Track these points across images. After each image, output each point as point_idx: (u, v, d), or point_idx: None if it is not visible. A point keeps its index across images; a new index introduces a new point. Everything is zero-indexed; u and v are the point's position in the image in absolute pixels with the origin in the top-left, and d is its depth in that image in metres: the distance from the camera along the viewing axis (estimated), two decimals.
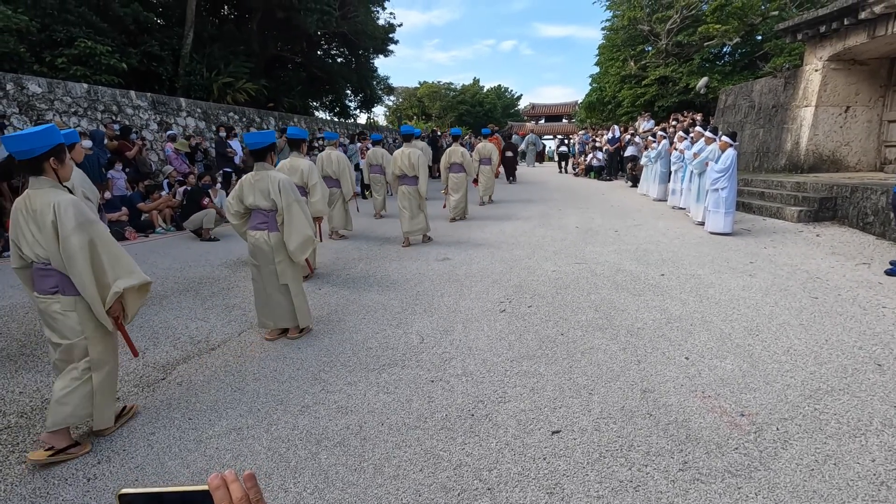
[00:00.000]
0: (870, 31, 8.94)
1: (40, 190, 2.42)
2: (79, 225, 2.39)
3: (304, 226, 3.79)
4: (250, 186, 3.80)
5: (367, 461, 2.44)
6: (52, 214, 2.36)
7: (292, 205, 3.74)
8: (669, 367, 3.34)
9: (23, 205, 2.44)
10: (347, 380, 3.27)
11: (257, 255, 3.84)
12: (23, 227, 2.44)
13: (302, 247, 3.80)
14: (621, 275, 5.53)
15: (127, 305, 2.61)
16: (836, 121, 10.52)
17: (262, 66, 19.42)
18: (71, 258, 2.38)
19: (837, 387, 3.04)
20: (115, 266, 2.51)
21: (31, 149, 2.36)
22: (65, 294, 2.47)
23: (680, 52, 19.63)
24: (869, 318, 4.12)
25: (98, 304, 2.47)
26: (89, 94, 10.39)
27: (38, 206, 2.39)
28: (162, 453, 2.54)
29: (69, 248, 2.37)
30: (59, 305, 2.48)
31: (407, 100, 43.39)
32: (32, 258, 2.47)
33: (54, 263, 2.43)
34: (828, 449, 2.45)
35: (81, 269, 2.39)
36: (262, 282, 3.84)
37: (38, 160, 2.40)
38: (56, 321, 2.49)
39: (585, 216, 9.66)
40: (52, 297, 2.48)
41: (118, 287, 2.49)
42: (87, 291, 2.43)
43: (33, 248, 2.44)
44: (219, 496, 0.56)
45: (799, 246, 6.74)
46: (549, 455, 2.46)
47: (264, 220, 3.82)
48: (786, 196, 8.97)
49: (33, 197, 2.42)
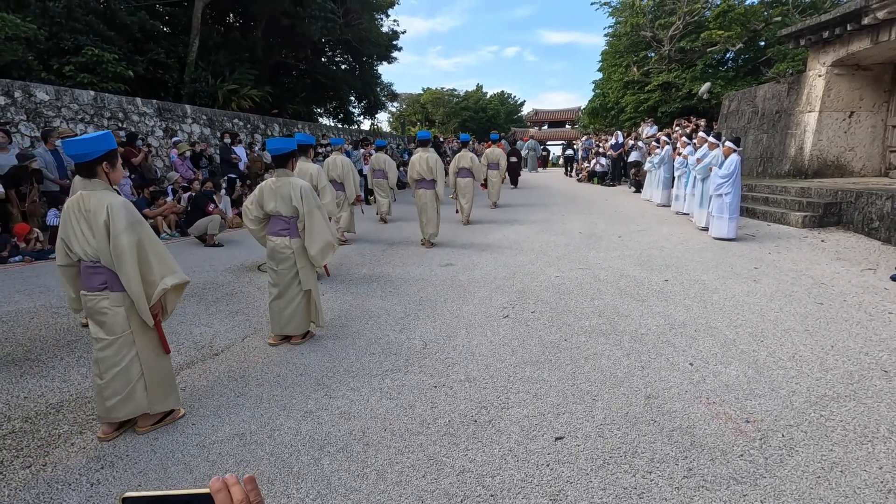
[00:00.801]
0: (873, 37, 8.94)
1: (94, 192, 2.56)
2: (129, 225, 2.53)
3: (326, 231, 3.85)
4: (271, 192, 3.82)
5: (369, 467, 2.44)
6: (104, 215, 2.50)
7: (314, 211, 3.78)
8: (673, 373, 3.32)
9: (75, 205, 2.57)
10: (350, 385, 3.27)
11: (277, 260, 3.86)
12: (74, 226, 2.57)
13: (323, 251, 3.85)
14: (625, 280, 5.51)
15: (167, 303, 2.76)
16: (840, 126, 10.49)
17: (267, 72, 19.57)
18: (120, 256, 2.51)
19: (843, 393, 3.02)
20: (161, 265, 2.64)
21: (87, 153, 2.51)
22: (113, 290, 2.60)
23: (683, 57, 19.65)
24: (875, 324, 4.09)
25: (143, 301, 2.59)
26: (96, 101, 10.50)
27: (91, 206, 2.53)
28: (165, 458, 2.54)
29: (119, 247, 2.51)
30: (108, 301, 2.60)
31: (410, 106, 43.58)
32: (81, 256, 2.59)
33: (104, 261, 2.56)
34: (834, 456, 2.43)
35: (129, 266, 2.53)
36: (281, 287, 3.85)
37: (92, 163, 2.55)
38: (105, 317, 2.61)
39: (589, 221, 9.65)
40: (100, 293, 2.60)
41: (165, 284, 2.63)
42: (134, 288, 2.56)
43: (83, 247, 2.57)
44: (220, 499, 0.57)
45: (804, 251, 6.71)
46: (552, 461, 2.45)
47: (286, 227, 3.84)
48: (790, 201, 8.93)
49: (86, 198, 2.55)
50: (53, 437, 2.73)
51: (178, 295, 2.80)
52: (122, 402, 2.64)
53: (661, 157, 11.80)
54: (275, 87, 19.25)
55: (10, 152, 7.38)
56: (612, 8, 22.56)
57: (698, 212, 8.65)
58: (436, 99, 42.21)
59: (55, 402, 3.10)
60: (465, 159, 9.53)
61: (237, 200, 10.68)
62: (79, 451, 2.60)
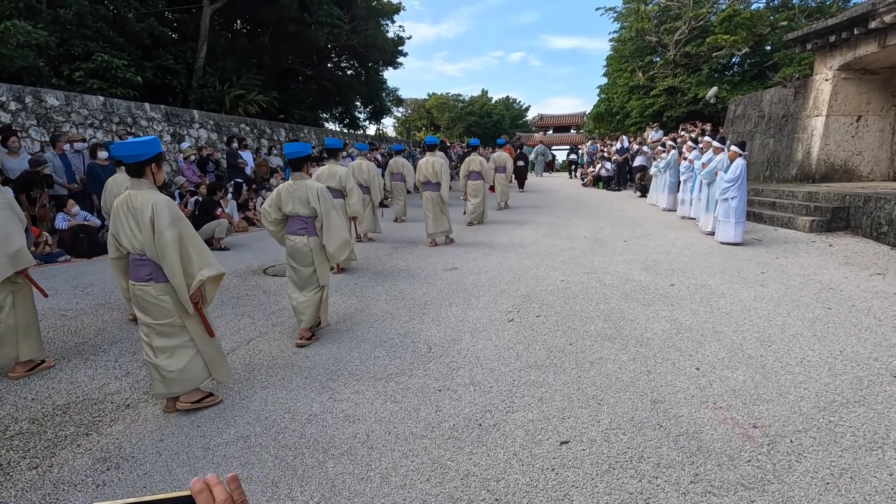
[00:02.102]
0: (880, 41, 8.89)
1: (140, 191, 2.80)
2: (171, 221, 2.76)
3: (342, 230, 4.07)
4: (288, 195, 4.02)
5: (373, 470, 2.43)
6: (150, 212, 2.74)
7: (330, 211, 3.99)
8: (680, 378, 3.30)
9: (124, 203, 2.82)
10: (355, 388, 3.27)
11: (296, 258, 4.08)
12: (123, 222, 2.82)
13: (340, 249, 4.06)
14: (630, 285, 5.49)
15: (206, 292, 2.98)
16: (847, 130, 10.43)
17: (274, 78, 19.73)
18: (164, 250, 2.74)
19: (853, 398, 2.98)
20: (199, 258, 2.86)
21: (138, 154, 2.77)
22: (157, 281, 2.83)
23: (688, 62, 19.63)
24: (884, 329, 4.05)
25: (183, 291, 2.81)
26: (105, 106, 10.62)
27: (138, 204, 2.77)
28: (170, 460, 2.55)
29: (163, 241, 2.73)
30: (154, 290, 2.84)
31: (416, 111, 43.77)
32: (129, 249, 2.85)
33: (149, 254, 2.79)
34: (843, 462, 2.40)
35: (172, 259, 2.75)
36: (299, 283, 4.09)
37: (142, 165, 2.80)
38: (150, 304, 2.85)
39: (594, 226, 9.63)
40: (147, 283, 2.84)
41: (202, 275, 2.84)
42: (176, 279, 2.78)
43: (131, 241, 2.82)
44: (202, 500, 0.55)
45: (811, 256, 6.66)
46: (557, 466, 2.43)
47: (303, 226, 4.04)
48: (797, 206, 8.88)
49: (134, 196, 2.80)
50: (60, 439, 2.75)
51: (216, 286, 3.02)
52: (182, 376, 2.90)
53: (666, 162, 11.77)
54: (281, 92, 19.40)
55: (21, 157, 7.48)
56: (618, 13, 22.60)
57: (704, 216, 8.60)
58: (441, 104, 42.37)
59: (62, 404, 3.12)
60: (474, 163, 9.91)
61: (243, 205, 10.75)
62: (85, 453, 2.61)
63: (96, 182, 8.18)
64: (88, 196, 8.06)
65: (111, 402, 3.14)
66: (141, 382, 3.40)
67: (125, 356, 3.84)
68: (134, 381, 3.41)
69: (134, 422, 2.92)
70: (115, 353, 3.91)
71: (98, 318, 4.67)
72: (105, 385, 3.37)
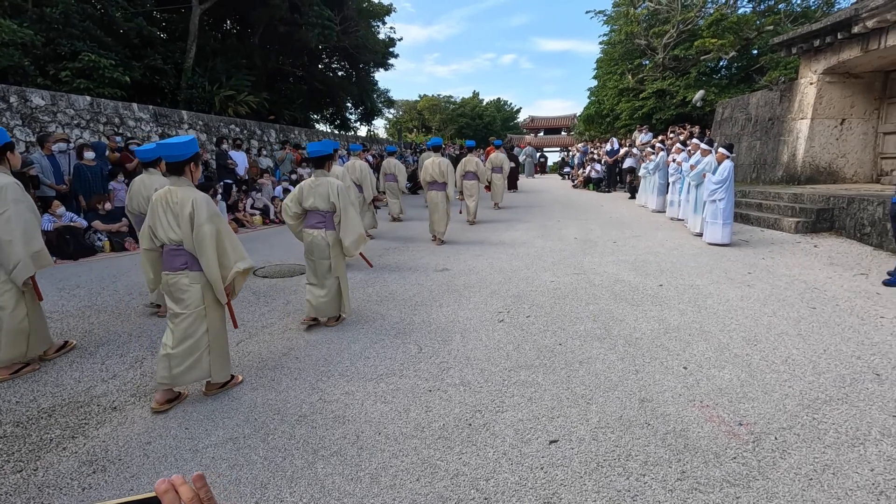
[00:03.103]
0: (863, 45, 9.07)
1: (180, 188, 3.00)
2: (209, 217, 2.96)
3: (358, 225, 4.31)
4: (310, 190, 4.28)
5: (363, 471, 2.43)
6: (190, 207, 2.93)
7: (348, 207, 4.25)
8: (668, 377, 3.33)
9: (162, 198, 3.00)
10: (345, 389, 3.27)
11: (314, 251, 4.31)
12: (160, 216, 2.99)
13: (356, 242, 4.30)
14: (620, 285, 5.54)
15: (235, 284, 3.18)
16: (832, 133, 10.61)
17: (264, 79, 19.63)
18: (202, 242, 2.93)
19: (836, 396, 3.03)
20: (234, 251, 3.07)
21: (180, 154, 2.97)
22: (192, 270, 3.01)
23: (677, 65, 19.84)
24: (867, 328, 4.12)
25: (219, 282, 3.00)
26: (92, 106, 10.49)
27: (178, 199, 2.95)
28: (158, 462, 2.53)
29: (201, 235, 2.92)
30: (188, 280, 3.01)
31: (407, 112, 43.73)
32: (165, 241, 3.01)
33: (186, 246, 2.98)
34: (826, 458, 2.44)
35: (209, 252, 2.95)
36: (316, 275, 4.33)
37: (182, 164, 3.01)
38: (183, 293, 3.01)
39: (584, 227, 9.69)
40: (181, 272, 3.01)
41: (237, 267, 3.05)
42: (212, 270, 2.97)
43: (167, 233, 2.99)
44: (168, 500, 0.55)
45: (797, 256, 6.76)
46: (546, 465, 2.45)
47: (321, 220, 4.28)
48: (783, 207, 9.01)
49: (173, 192, 2.99)
50: (45, 442, 2.71)
51: (244, 279, 3.21)
52: (189, 370, 3.02)
53: (655, 164, 11.88)
54: (272, 93, 19.30)
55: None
56: (607, 16, 22.80)
57: (693, 217, 8.70)
58: (432, 106, 42.39)
59: (47, 407, 3.08)
60: (470, 163, 10.29)
61: (232, 206, 10.67)
62: (70, 456, 2.58)
63: (83, 183, 8.09)
64: (75, 197, 7.96)
65: (98, 405, 3.11)
66: (128, 385, 3.37)
67: (112, 358, 3.80)
68: (121, 384, 3.38)
69: (121, 424, 2.89)
70: (102, 355, 3.87)
71: (84, 321, 4.62)
72: (91, 387, 3.33)
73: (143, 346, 4.04)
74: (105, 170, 8.69)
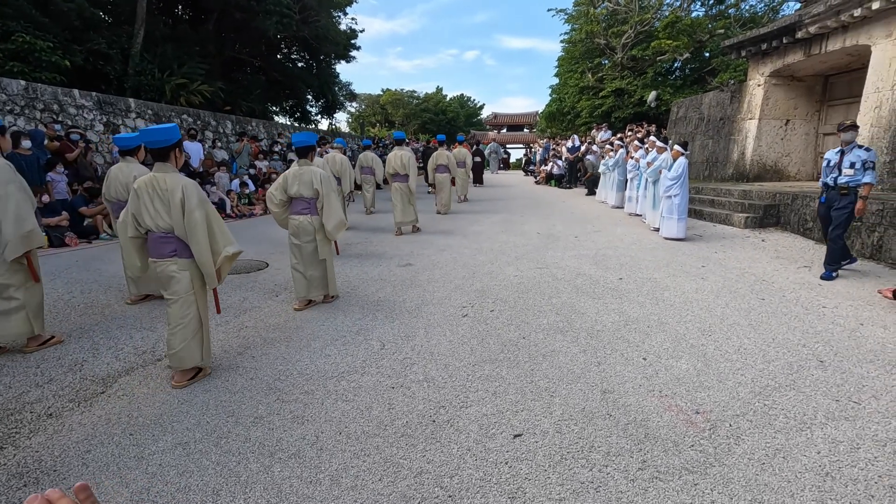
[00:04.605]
0: (806, 50, 9.56)
1: (167, 174, 3.01)
2: (199, 202, 3.00)
3: (339, 211, 4.57)
4: (294, 178, 4.48)
5: (323, 472, 2.34)
6: (180, 193, 2.95)
7: (330, 194, 4.49)
8: (628, 368, 3.39)
9: (148, 185, 2.99)
10: (304, 388, 3.15)
11: (300, 235, 4.56)
12: (146, 202, 2.99)
13: (337, 227, 4.55)
14: (581, 279, 5.62)
15: (222, 270, 3.21)
16: (777, 133, 11.16)
17: (219, 67, 18.84)
18: (193, 228, 2.96)
19: (784, 383, 3.16)
20: (222, 236, 3.13)
21: (163, 140, 3.00)
22: (181, 257, 3.05)
23: (635, 65, 20.42)
24: (811, 318, 4.34)
25: (210, 267, 3.06)
26: (27, 91, 9.76)
27: (167, 186, 2.97)
28: (98, 472, 2.35)
29: (192, 221, 2.96)
30: (176, 266, 3.05)
31: (370, 107, 43.16)
32: (152, 228, 3.02)
33: (177, 232, 3.00)
34: (777, 443, 2.53)
35: (201, 237, 2.99)
36: (302, 259, 4.57)
37: (166, 150, 3.02)
38: (171, 280, 3.06)
39: (547, 222, 9.81)
40: (170, 259, 3.04)
41: (227, 251, 3.12)
42: (203, 255, 3.01)
43: (155, 220, 3.00)
44: None
45: (746, 250, 7.07)
46: (510, 459, 2.43)
47: (306, 206, 4.53)
48: (733, 203, 9.41)
49: (160, 179, 2.99)
50: None
51: (230, 264, 3.24)
52: (186, 352, 3.11)
53: (615, 161, 12.17)
54: (227, 83, 18.56)
55: None
56: (568, 15, 23.18)
57: (650, 213, 8.96)
58: (396, 100, 42.00)
59: None
60: (441, 157, 10.67)
61: None
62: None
63: None
64: None
65: (30, 412, 2.87)
66: (66, 389, 3.13)
67: (48, 361, 3.53)
68: (58, 389, 3.14)
69: (57, 432, 2.67)
70: (37, 357, 3.58)
71: None
72: (24, 393, 3.08)
73: (82, 347, 3.77)
74: (42, 160, 8.10)
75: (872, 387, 3.11)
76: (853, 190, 5.33)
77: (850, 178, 5.31)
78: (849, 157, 5.34)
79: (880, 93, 7.75)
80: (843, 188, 5.36)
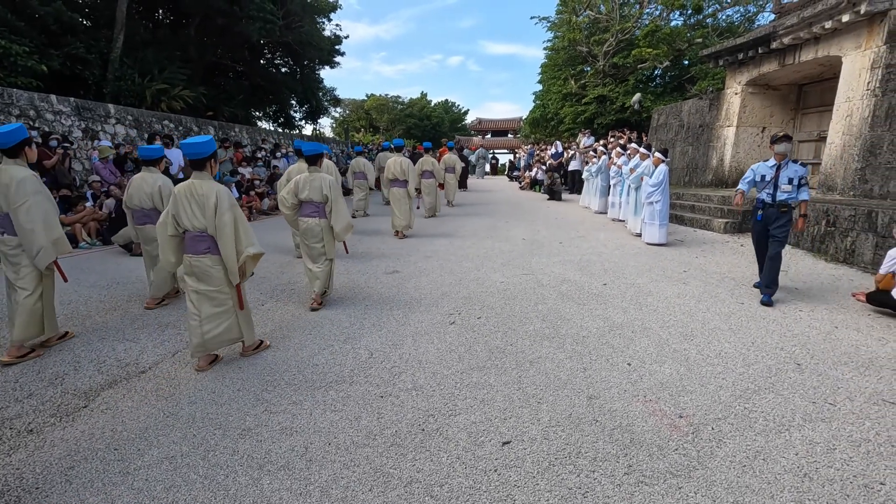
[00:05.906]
0: (780, 60, 9.86)
1: (202, 181, 3.43)
2: (230, 206, 3.41)
3: (347, 214, 4.93)
4: (305, 183, 4.81)
5: (312, 484, 2.34)
6: (214, 198, 3.37)
7: (339, 199, 4.86)
8: (613, 374, 3.45)
9: (187, 190, 3.41)
10: (292, 399, 3.14)
11: (308, 237, 4.89)
12: (184, 205, 3.40)
13: (345, 229, 4.89)
14: (566, 285, 5.69)
15: (247, 268, 3.58)
16: (754, 140, 11.46)
17: (201, 73, 18.65)
18: (222, 229, 3.38)
19: (763, 386, 3.26)
20: (246, 238, 3.51)
21: (201, 152, 3.41)
22: (213, 254, 3.45)
23: (616, 73, 20.77)
24: (787, 321, 4.47)
25: (233, 264, 3.44)
26: (2, 96, 9.55)
27: (203, 191, 3.39)
28: (82, 489, 2.31)
29: (223, 222, 3.37)
30: (210, 261, 3.46)
31: (354, 112, 43.06)
32: (188, 228, 3.42)
33: (209, 232, 3.42)
34: (757, 445, 2.61)
35: (228, 237, 3.39)
36: (313, 258, 4.92)
37: (204, 160, 3.44)
38: (206, 274, 3.47)
39: (531, 228, 9.91)
40: (204, 256, 3.45)
41: (248, 252, 3.49)
42: (229, 253, 3.41)
43: (191, 221, 3.41)
44: None
45: (726, 255, 7.23)
46: (499, 466, 2.46)
47: (315, 210, 4.86)
48: (713, 209, 9.62)
49: (197, 185, 3.41)
50: None
51: (255, 263, 3.61)
52: (218, 337, 3.53)
53: (598, 167, 12.35)
54: (210, 88, 18.38)
55: None
56: (551, 23, 23.51)
57: (633, 219, 9.11)
58: (380, 105, 41.97)
59: None
60: (427, 163, 11.02)
61: None
62: None
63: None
64: None
65: (10, 428, 2.80)
66: (47, 404, 3.07)
67: (27, 375, 3.45)
68: (38, 403, 3.07)
69: (38, 448, 2.62)
70: (16, 371, 3.50)
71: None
72: (3, 409, 3.01)
73: (63, 360, 3.70)
74: None
75: (847, 388, 3.21)
76: (791, 207, 5.05)
77: (789, 195, 4.99)
78: (786, 173, 5.01)
79: (851, 102, 8.03)
80: (784, 205, 5.01)
